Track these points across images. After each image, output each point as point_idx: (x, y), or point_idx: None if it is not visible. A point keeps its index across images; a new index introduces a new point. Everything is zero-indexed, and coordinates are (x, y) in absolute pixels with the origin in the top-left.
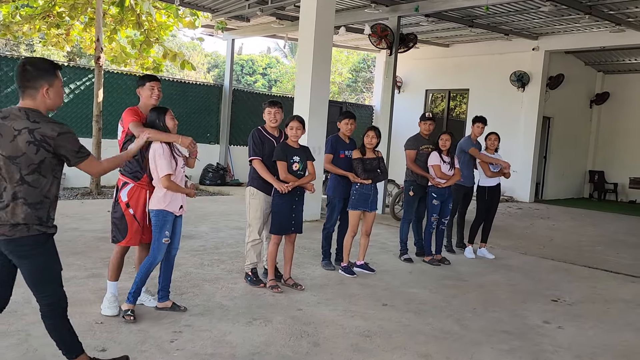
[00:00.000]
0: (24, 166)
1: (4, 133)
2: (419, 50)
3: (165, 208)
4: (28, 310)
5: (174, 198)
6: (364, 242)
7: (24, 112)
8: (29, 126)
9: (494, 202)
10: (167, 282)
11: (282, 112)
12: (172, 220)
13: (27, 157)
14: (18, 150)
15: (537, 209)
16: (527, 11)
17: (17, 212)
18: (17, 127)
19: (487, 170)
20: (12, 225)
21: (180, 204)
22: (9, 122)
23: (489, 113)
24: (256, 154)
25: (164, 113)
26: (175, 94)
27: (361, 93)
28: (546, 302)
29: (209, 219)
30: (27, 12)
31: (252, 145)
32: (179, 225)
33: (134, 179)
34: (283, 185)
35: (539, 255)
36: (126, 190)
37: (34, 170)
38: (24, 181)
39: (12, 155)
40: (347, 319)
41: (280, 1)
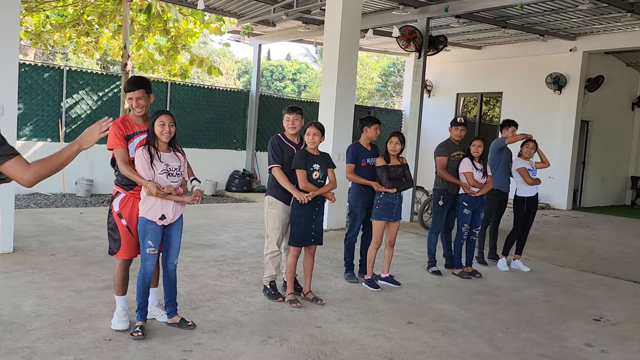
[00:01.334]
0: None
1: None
2: (450, 53)
3: (144, 215)
4: (37, 325)
5: (153, 205)
6: (389, 254)
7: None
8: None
9: (531, 213)
10: (172, 297)
11: (302, 118)
12: (157, 229)
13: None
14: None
15: (575, 217)
16: (564, 10)
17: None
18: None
19: (527, 177)
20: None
21: (161, 213)
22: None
23: (523, 117)
24: (276, 162)
25: (156, 117)
26: (201, 100)
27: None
28: (587, 321)
29: (233, 226)
30: (57, 20)
31: (271, 152)
32: (172, 237)
33: (126, 188)
34: (303, 195)
35: (578, 267)
36: (118, 200)
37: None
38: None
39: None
40: (368, 338)
41: (306, 4)
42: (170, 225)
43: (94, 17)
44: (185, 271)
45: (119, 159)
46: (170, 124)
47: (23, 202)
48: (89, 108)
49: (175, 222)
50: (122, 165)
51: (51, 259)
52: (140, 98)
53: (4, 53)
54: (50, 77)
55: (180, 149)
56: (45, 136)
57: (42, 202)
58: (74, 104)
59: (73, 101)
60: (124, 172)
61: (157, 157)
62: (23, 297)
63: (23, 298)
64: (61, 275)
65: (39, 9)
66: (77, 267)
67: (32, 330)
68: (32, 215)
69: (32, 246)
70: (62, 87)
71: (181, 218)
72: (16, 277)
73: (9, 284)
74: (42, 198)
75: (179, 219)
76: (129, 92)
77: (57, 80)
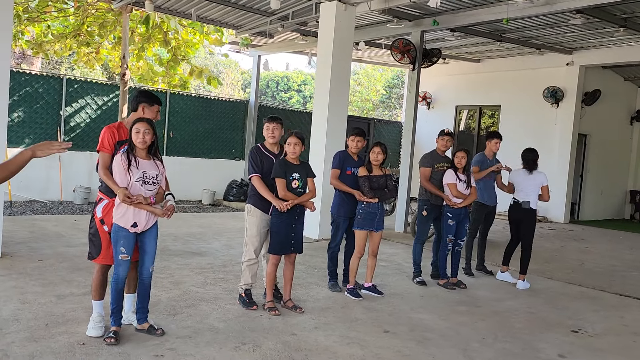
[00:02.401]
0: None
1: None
2: (449, 66)
3: (117, 222)
4: (13, 328)
5: (126, 212)
6: (371, 263)
7: None
8: None
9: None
10: (144, 304)
11: (282, 128)
12: (129, 236)
13: None
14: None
15: (571, 230)
16: (558, 25)
17: None
18: None
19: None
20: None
21: (133, 221)
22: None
23: (521, 129)
24: (255, 171)
25: (134, 124)
26: (200, 110)
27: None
28: (566, 332)
29: (225, 235)
30: (58, 30)
31: (250, 162)
32: (147, 243)
33: (110, 195)
34: (282, 203)
35: (565, 280)
36: (101, 206)
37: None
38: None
39: None
40: (342, 346)
41: (301, 17)
42: (144, 233)
43: (95, 27)
44: (170, 278)
45: (100, 162)
46: (146, 131)
47: (19, 209)
48: (88, 117)
49: (149, 229)
50: (101, 168)
51: (38, 265)
52: (158, 112)
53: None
54: (50, 86)
55: (159, 158)
56: None
57: (38, 209)
58: (73, 112)
59: (72, 110)
60: (100, 175)
61: (135, 164)
62: (4, 301)
63: (4, 302)
64: (45, 280)
65: (41, 18)
66: (62, 273)
67: (8, 334)
68: (27, 222)
69: (21, 252)
70: (61, 96)
71: (155, 225)
72: (0, 282)
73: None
74: (39, 205)
75: (153, 226)
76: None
77: (57, 89)
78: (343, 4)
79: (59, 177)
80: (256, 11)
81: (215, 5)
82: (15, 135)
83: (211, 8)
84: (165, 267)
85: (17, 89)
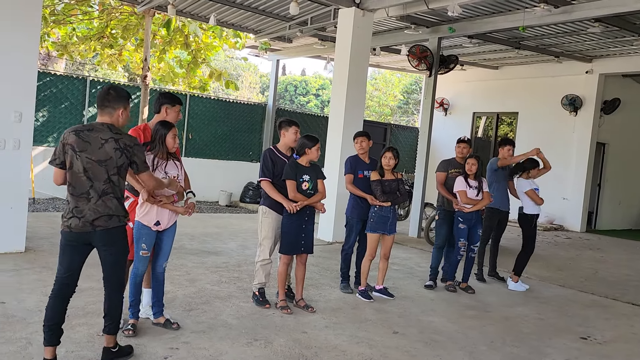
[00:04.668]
0: (110, 168)
1: (92, 142)
2: (467, 72)
3: (139, 219)
4: (37, 318)
5: (149, 211)
6: (383, 266)
7: (107, 127)
8: (113, 136)
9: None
10: (159, 298)
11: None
12: (151, 234)
13: (113, 161)
14: (106, 154)
15: (587, 239)
16: (577, 33)
17: (109, 205)
18: (103, 137)
19: (537, 198)
20: (107, 216)
21: (156, 220)
22: (95, 133)
23: (538, 137)
24: (265, 175)
25: (168, 130)
26: (219, 112)
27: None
28: (574, 339)
29: (241, 236)
30: (83, 33)
31: (262, 165)
32: (164, 241)
33: (135, 193)
34: (292, 204)
35: (578, 288)
36: (127, 204)
37: (117, 172)
38: (110, 180)
39: (101, 159)
40: (351, 345)
41: (320, 22)
42: (165, 231)
43: (118, 30)
44: (187, 275)
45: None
46: (177, 136)
47: (42, 205)
48: None
49: (169, 228)
50: None
51: None
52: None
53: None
54: (74, 87)
55: (179, 158)
56: None
57: (60, 206)
58: (95, 113)
59: (95, 110)
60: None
61: (159, 165)
62: (28, 293)
63: (28, 294)
64: None
65: (66, 21)
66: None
67: (31, 324)
68: (49, 218)
69: (43, 247)
70: (84, 97)
71: (174, 226)
72: (25, 275)
73: (17, 280)
74: (61, 202)
75: (173, 226)
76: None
77: (81, 89)
78: (361, 10)
79: None
80: (275, 16)
81: (236, 10)
82: (40, 135)
83: (231, 13)
84: (181, 264)
85: (42, 89)
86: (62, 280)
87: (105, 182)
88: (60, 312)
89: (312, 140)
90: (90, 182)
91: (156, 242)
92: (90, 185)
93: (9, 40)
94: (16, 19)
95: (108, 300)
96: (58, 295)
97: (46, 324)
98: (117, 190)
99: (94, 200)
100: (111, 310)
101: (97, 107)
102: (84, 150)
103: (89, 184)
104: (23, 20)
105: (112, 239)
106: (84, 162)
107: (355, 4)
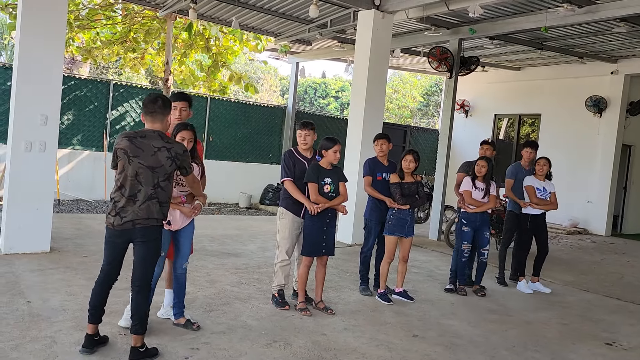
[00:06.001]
0: (160, 174)
1: (145, 149)
2: (488, 74)
3: None
4: (61, 317)
5: None
6: (402, 269)
7: (158, 134)
8: (165, 145)
9: (540, 232)
10: (179, 299)
11: (315, 133)
12: (165, 234)
13: (164, 168)
14: (158, 162)
15: (612, 243)
16: (602, 33)
17: (151, 209)
18: (155, 145)
19: (532, 196)
20: (146, 219)
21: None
22: (147, 140)
23: (562, 139)
24: (287, 175)
25: (177, 132)
26: (239, 115)
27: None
28: (599, 345)
29: (261, 237)
30: (106, 37)
31: (283, 166)
32: (181, 242)
33: None
34: (314, 205)
35: (603, 293)
36: None
37: (167, 178)
38: (158, 186)
39: (152, 166)
40: (370, 347)
41: (339, 25)
42: (179, 232)
43: (140, 34)
44: (207, 277)
45: None
46: (190, 140)
47: (67, 207)
48: (132, 120)
49: (184, 228)
50: None
51: (83, 260)
52: (184, 109)
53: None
54: (98, 90)
55: (199, 162)
56: (91, 145)
57: (84, 207)
58: (118, 116)
59: (118, 113)
60: None
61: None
62: (53, 292)
63: (52, 293)
64: (90, 274)
65: (91, 26)
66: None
67: (55, 322)
68: (73, 219)
69: (68, 247)
70: (108, 100)
71: (191, 225)
72: (49, 275)
73: (42, 280)
74: (85, 204)
75: (188, 226)
76: (174, 102)
77: (104, 93)
78: (381, 12)
79: (104, 178)
80: (295, 19)
81: (256, 14)
82: (65, 137)
83: (252, 16)
84: (202, 266)
85: (67, 92)
86: (105, 270)
87: (154, 187)
88: (103, 297)
89: (331, 142)
90: (140, 186)
91: (174, 244)
92: (139, 190)
93: (35, 46)
94: (42, 24)
95: (134, 300)
96: (101, 283)
97: (91, 305)
98: (163, 195)
99: (139, 203)
100: (137, 311)
101: (145, 114)
102: (137, 156)
103: (138, 187)
104: (49, 26)
105: (148, 235)
106: (136, 167)
107: (375, 6)
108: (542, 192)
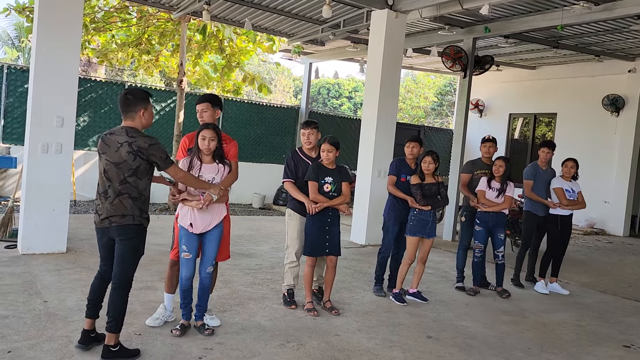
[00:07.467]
0: (125, 170)
1: (111, 145)
2: (503, 73)
3: (180, 222)
4: (77, 317)
5: (186, 213)
6: (419, 270)
7: (125, 130)
8: (128, 140)
9: (565, 233)
10: (201, 302)
11: (318, 132)
12: (190, 236)
13: (127, 164)
14: (120, 158)
15: (630, 244)
16: (619, 30)
17: (124, 205)
18: (119, 140)
19: (562, 197)
20: (121, 215)
21: (189, 222)
22: (114, 137)
23: (578, 139)
24: (288, 176)
25: (199, 132)
26: (253, 116)
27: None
28: (616, 347)
29: (274, 238)
30: (122, 40)
31: (286, 166)
32: (207, 245)
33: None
34: (312, 204)
35: (621, 294)
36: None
37: (133, 173)
38: (126, 181)
39: (117, 162)
40: (384, 349)
41: (353, 25)
42: (205, 235)
43: (155, 36)
44: (221, 277)
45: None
46: (211, 138)
47: (82, 207)
48: None
49: (210, 231)
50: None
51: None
52: (205, 110)
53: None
54: (113, 92)
55: (225, 162)
56: None
57: None
58: None
59: None
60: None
61: (196, 167)
62: (69, 292)
63: (69, 293)
64: None
65: (106, 29)
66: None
67: (71, 322)
68: (89, 220)
69: (84, 248)
70: None
71: (217, 228)
72: (65, 275)
73: (59, 280)
74: None
75: (214, 230)
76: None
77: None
78: (394, 12)
79: None
80: (308, 20)
81: (269, 15)
82: (81, 139)
83: (265, 17)
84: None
85: (83, 94)
86: (100, 266)
87: (122, 183)
88: (99, 293)
89: (322, 141)
90: (109, 182)
91: (201, 247)
92: (109, 186)
93: (51, 48)
94: (58, 27)
95: (110, 297)
96: (97, 277)
97: (87, 299)
98: (133, 190)
99: (110, 199)
100: (112, 308)
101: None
102: (104, 153)
103: (107, 184)
104: (65, 29)
105: (125, 234)
106: (104, 163)
107: (388, 5)
108: (571, 193)
